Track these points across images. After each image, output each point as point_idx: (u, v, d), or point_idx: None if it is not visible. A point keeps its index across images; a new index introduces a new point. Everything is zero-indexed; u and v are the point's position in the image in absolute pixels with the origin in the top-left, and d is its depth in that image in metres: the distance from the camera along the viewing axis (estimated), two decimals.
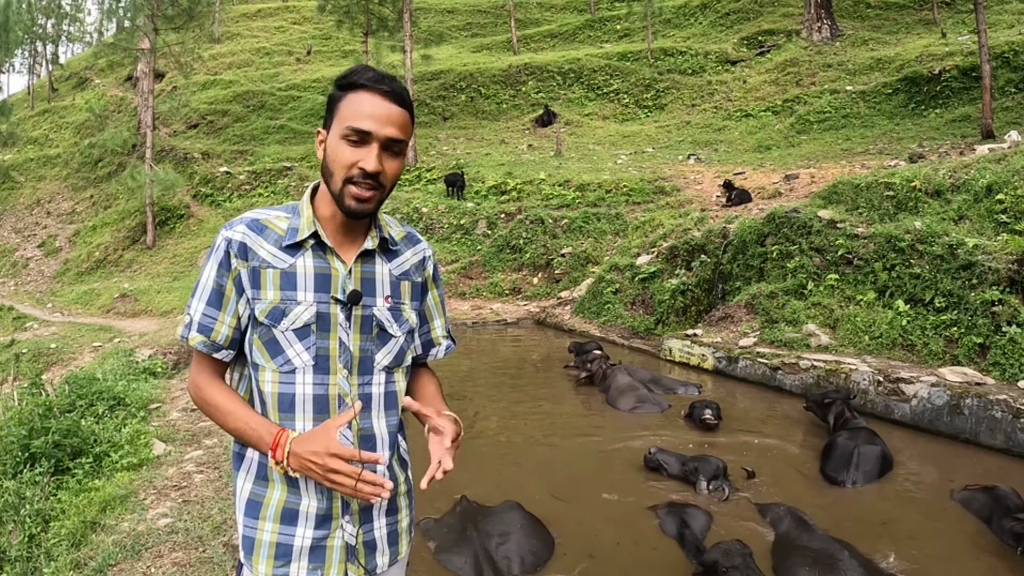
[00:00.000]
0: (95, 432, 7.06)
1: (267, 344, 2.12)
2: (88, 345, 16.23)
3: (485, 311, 16.89)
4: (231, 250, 2.10)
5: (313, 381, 2.14)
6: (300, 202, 2.22)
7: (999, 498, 5.60)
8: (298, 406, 2.13)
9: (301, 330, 2.12)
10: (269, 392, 2.13)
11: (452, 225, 21.59)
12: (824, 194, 12.27)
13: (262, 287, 2.10)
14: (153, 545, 4.87)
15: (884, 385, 8.31)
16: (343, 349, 2.17)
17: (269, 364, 2.13)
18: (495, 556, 4.90)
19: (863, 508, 6.01)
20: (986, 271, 8.81)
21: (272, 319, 2.10)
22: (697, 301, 12.92)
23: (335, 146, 2.08)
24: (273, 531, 2.14)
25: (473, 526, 5.25)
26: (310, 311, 2.12)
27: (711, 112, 30.15)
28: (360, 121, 2.04)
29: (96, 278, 27.86)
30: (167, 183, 27.72)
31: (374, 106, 2.06)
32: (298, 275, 2.12)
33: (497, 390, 10.25)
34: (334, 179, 2.09)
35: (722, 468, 6.23)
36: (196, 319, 2.13)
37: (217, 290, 2.12)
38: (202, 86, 42.31)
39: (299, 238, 2.13)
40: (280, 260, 2.12)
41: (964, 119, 20.98)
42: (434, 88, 35.82)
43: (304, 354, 2.12)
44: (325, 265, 2.15)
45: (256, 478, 2.18)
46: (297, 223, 2.15)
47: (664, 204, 19.22)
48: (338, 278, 2.16)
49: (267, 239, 2.13)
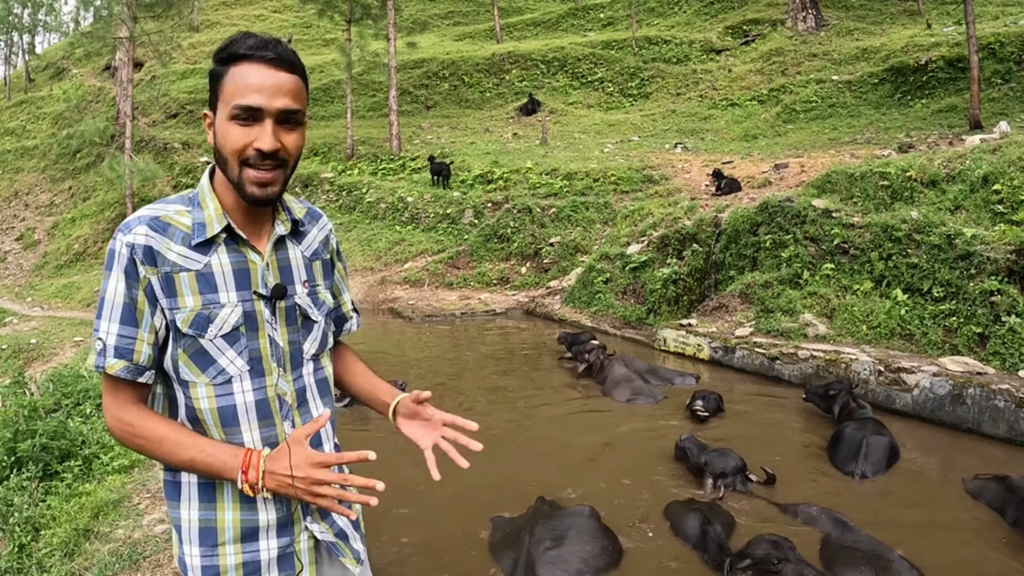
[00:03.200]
0: (83, 433, 6.84)
1: (195, 357, 1.94)
2: (69, 340, 16.03)
3: (473, 301, 16.77)
4: (136, 257, 1.86)
5: (252, 387, 2.00)
6: (198, 191, 2.02)
7: (1013, 488, 5.57)
8: (241, 417, 1.98)
9: (230, 335, 1.95)
10: (207, 408, 1.95)
11: (438, 215, 21.46)
12: (818, 183, 12.25)
13: (179, 294, 1.90)
14: (151, 554, 4.69)
15: (885, 375, 8.27)
16: (274, 346, 2.03)
17: (200, 378, 1.94)
18: (538, 561, 4.67)
19: (873, 500, 5.98)
20: (984, 261, 8.80)
21: (197, 328, 1.91)
22: (689, 291, 12.86)
23: (224, 129, 1.90)
24: (236, 553, 2.01)
25: (530, 529, 5.05)
26: (236, 313, 1.95)
27: (696, 101, 30.09)
28: (247, 97, 1.86)
29: (76, 271, 27.58)
30: (147, 174, 27.40)
31: (261, 77, 1.88)
32: (216, 275, 1.94)
33: (488, 382, 10.15)
34: (229, 165, 1.91)
35: (738, 466, 6.08)
36: (111, 343, 1.88)
37: (129, 305, 1.87)
38: (181, 75, 41.91)
39: (210, 234, 1.93)
40: (193, 261, 1.92)
41: (950, 109, 21.02)
42: (417, 76, 35.59)
43: (238, 360, 1.97)
44: (242, 259, 1.98)
45: (201, 503, 2.01)
46: (202, 216, 1.95)
47: (653, 193, 19.13)
48: (257, 271, 2.00)
49: (173, 239, 1.91)
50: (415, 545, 5.19)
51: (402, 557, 5.01)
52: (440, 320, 15.27)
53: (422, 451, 2.24)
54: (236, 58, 1.90)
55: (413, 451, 2.29)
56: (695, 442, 6.58)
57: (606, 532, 5.14)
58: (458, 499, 5.88)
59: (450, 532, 5.44)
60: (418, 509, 5.65)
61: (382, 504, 2.02)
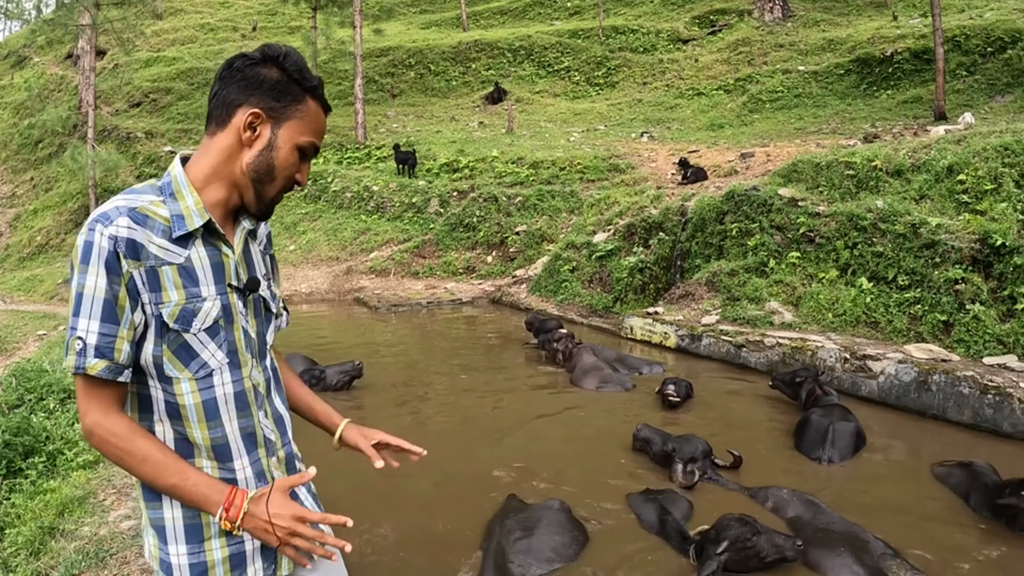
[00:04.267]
0: (47, 429, 6.65)
1: (178, 352, 1.92)
2: (32, 334, 15.71)
3: (439, 290, 16.71)
4: (119, 250, 1.80)
5: (232, 379, 2.02)
6: (170, 180, 1.97)
7: (977, 474, 5.59)
8: (222, 409, 1.99)
9: (212, 328, 1.96)
10: (191, 404, 1.94)
11: (404, 203, 21.32)
12: (784, 172, 12.26)
13: (163, 288, 1.87)
14: (118, 551, 4.56)
15: (851, 362, 8.29)
16: (247, 338, 2.07)
17: (184, 373, 1.93)
18: (509, 550, 4.69)
19: (840, 485, 5.97)
20: (949, 250, 8.84)
21: (183, 322, 1.90)
22: (655, 279, 12.86)
23: (289, 153, 1.98)
24: (222, 547, 2.01)
25: (501, 522, 5.06)
26: (216, 306, 1.96)
27: (663, 90, 30.15)
28: (317, 138, 2.02)
29: (38, 263, 27.06)
30: (110, 164, 26.85)
31: (323, 122, 2.05)
32: (196, 268, 1.93)
33: (455, 371, 10.06)
34: (271, 184, 1.99)
35: (705, 450, 6.06)
36: (91, 341, 1.81)
37: (110, 301, 1.81)
38: (145, 63, 41.21)
39: (191, 228, 1.91)
40: (174, 255, 1.90)
41: (916, 100, 21.21)
42: (383, 65, 35.37)
43: (218, 353, 1.98)
44: (217, 253, 1.99)
45: (184, 504, 1.98)
46: (178, 208, 1.92)
47: (619, 182, 19.14)
48: (230, 265, 2.02)
49: (154, 231, 1.87)
50: (385, 538, 5.11)
51: (376, 551, 4.94)
52: (406, 309, 15.17)
53: (362, 451, 2.39)
54: (314, 93, 2.01)
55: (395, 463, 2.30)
56: (654, 430, 6.51)
57: (575, 523, 5.12)
58: (427, 491, 5.81)
59: (420, 524, 5.36)
60: (386, 505, 5.57)
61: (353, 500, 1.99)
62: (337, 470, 3.67)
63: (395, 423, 7.69)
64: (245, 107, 1.94)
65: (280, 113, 1.96)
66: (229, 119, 1.95)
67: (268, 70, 1.95)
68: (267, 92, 1.95)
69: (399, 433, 2.44)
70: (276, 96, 1.95)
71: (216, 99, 1.98)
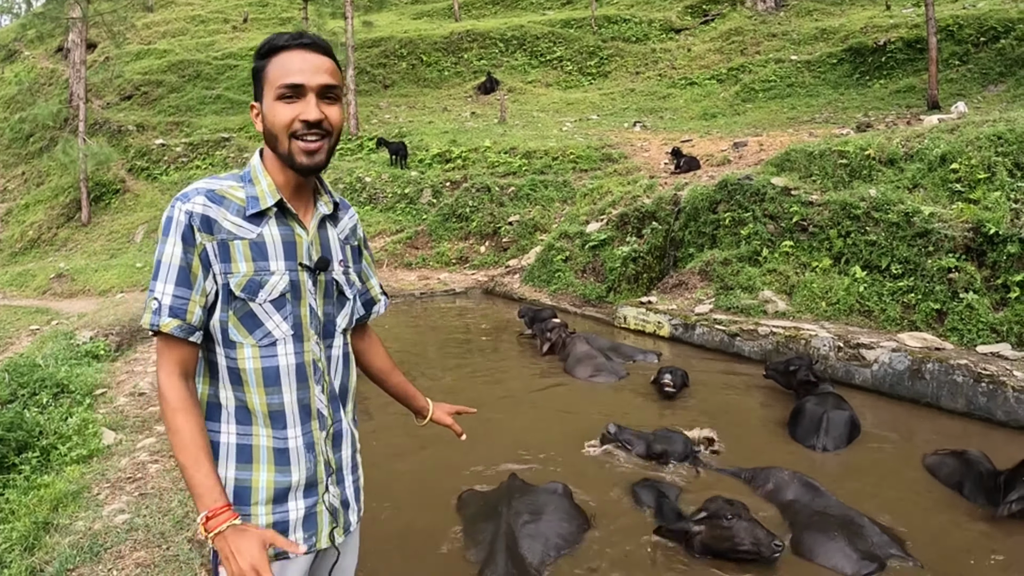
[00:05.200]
0: (40, 423, 6.63)
1: (243, 319, 2.09)
2: (25, 329, 15.61)
3: (432, 281, 16.68)
4: (194, 224, 2.02)
5: (294, 351, 2.15)
6: (250, 170, 2.19)
7: (970, 462, 5.59)
8: (283, 378, 2.13)
9: (278, 300, 2.11)
10: (251, 369, 2.10)
11: (396, 194, 21.26)
12: (777, 161, 12.24)
13: (232, 260, 2.06)
14: (112, 545, 4.53)
15: (845, 351, 8.30)
16: (313, 315, 2.20)
17: (248, 339, 2.10)
18: (518, 533, 4.73)
19: (834, 473, 5.98)
20: (942, 238, 8.85)
21: (249, 292, 2.07)
22: (649, 268, 12.85)
23: (272, 109, 2.09)
24: (267, 514, 2.14)
25: (507, 502, 5.10)
26: (284, 280, 2.11)
27: (655, 80, 30.08)
28: (290, 76, 2.07)
29: (31, 258, 26.84)
30: (101, 157, 26.62)
31: (302, 60, 2.09)
32: (267, 244, 2.10)
33: (450, 361, 10.05)
34: (279, 141, 2.10)
35: (687, 442, 6.12)
36: (166, 302, 2.01)
37: (184, 268, 2.02)
38: (135, 56, 40.88)
39: (263, 207, 2.10)
40: (247, 231, 2.08)
41: (909, 90, 21.21)
42: (375, 56, 35.22)
43: (283, 324, 2.13)
44: (289, 232, 2.15)
45: (238, 464, 2.14)
46: (254, 191, 2.12)
47: (612, 171, 19.10)
48: (302, 245, 2.17)
49: (229, 209, 2.07)
50: (381, 528, 5.11)
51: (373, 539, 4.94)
52: (400, 300, 15.12)
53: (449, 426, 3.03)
54: (276, 50, 2.11)
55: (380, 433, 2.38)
56: (630, 432, 6.47)
57: (579, 511, 5.20)
58: (424, 477, 5.85)
59: (419, 509, 5.38)
60: (381, 489, 5.57)
61: None
62: None
63: (387, 411, 7.67)
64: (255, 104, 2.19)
65: (260, 88, 2.14)
66: None
67: (255, 63, 2.17)
68: (255, 82, 2.17)
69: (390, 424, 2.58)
70: (255, 79, 2.16)
71: None
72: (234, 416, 2.13)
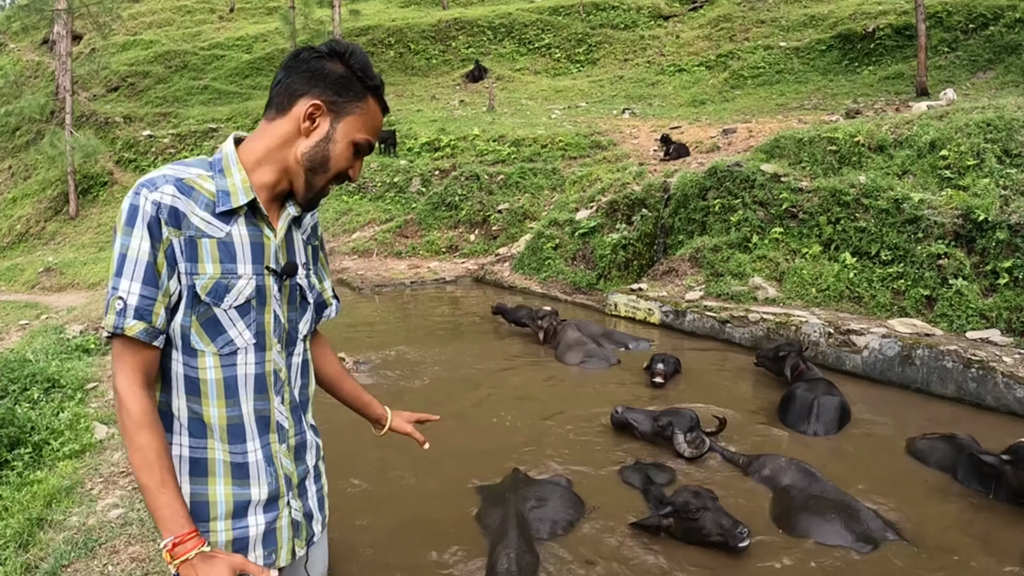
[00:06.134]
0: (32, 419, 6.58)
1: (206, 325, 1.93)
2: (14, 324, 15.58)
3: (422, 270, 16.62)
4: (161, 216, 1.83)
5: (255, 360, 2.02)
6: (221, 158, 2.00)
7: (961, 446, 5.64)
8: (240, 389, 2.00)
9: (243, 307, 1.96)
10: (212, 379, 1.95)
11: (385, 183, 21.19)
12: (766, 148, 12.25)
13: (200, 260, 1.89)
14: (107, 540, 4.52)
15: (835, 337, 8.32)
16: (276, 322, 2.07)
17: (209, 347, 1.94)
18: (527, 514, 4.91)
19: (825, 457, 5.99)
20: (931, 225, 8.89)
21: (215, 296, 1.91)
22: (639, 255, 12.86)
23: (345, 148, 2.00)
24: (227, 530, 2.01)
25: (514, 490, 5.26)
26: (251, 285, 1.97)
27: (644, 67, 30.08)
28: (374, 136, 2.05)
29: (19, 252, 26.71)
30: (88, 149, 26.48)
31: (380, 121, 2.08)
32: (235, 245, 1.94)
33: (440, 350, 10.00)
34: (320, 176, 2.01)
35: (696, 419, 6.11)
36: (132, 302, 1.83)
37: (151, 264, 1.83)
38: (122, 47, 40.67)
39: (235, 204, 1.93)
40: (216, 228, 1.92)
41: (897, 76, 21.26)
42: (362, 44, 34.98)
43: (246, 332, 1.98)
44: (258, 233, 2.00)
45: (192, 477, 1.99)
46: (225, 184, 1.94)
47: (601, 158, 19.09)
48: (270, 247, 2.02)
49: (198, 203, 1.90)
50: (376, 519, 5.12)
51: (368, 530, 4.95)
52: (390, 290, 15.08)
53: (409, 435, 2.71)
54: (375, 92, 2.04)
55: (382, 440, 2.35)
56: (635, 411, 6.51)
57: (580, 500, 5.29)
58: (421, 470, 5.82)
59: (410, 508, 5.36)
60: (375, 487, 5.57)
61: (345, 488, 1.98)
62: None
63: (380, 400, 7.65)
64: (307, 97, 1.97)
65: (341, 108, 1.98)
66: (290, 107, 1.98)
67: (333, 64, 1.98)
68: (330, 85, 1.97)
69: None
70: (338, 91, 1.98)
71: (279, 87, 2.00)
72: (187, 428, 1.97)
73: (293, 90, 1.97)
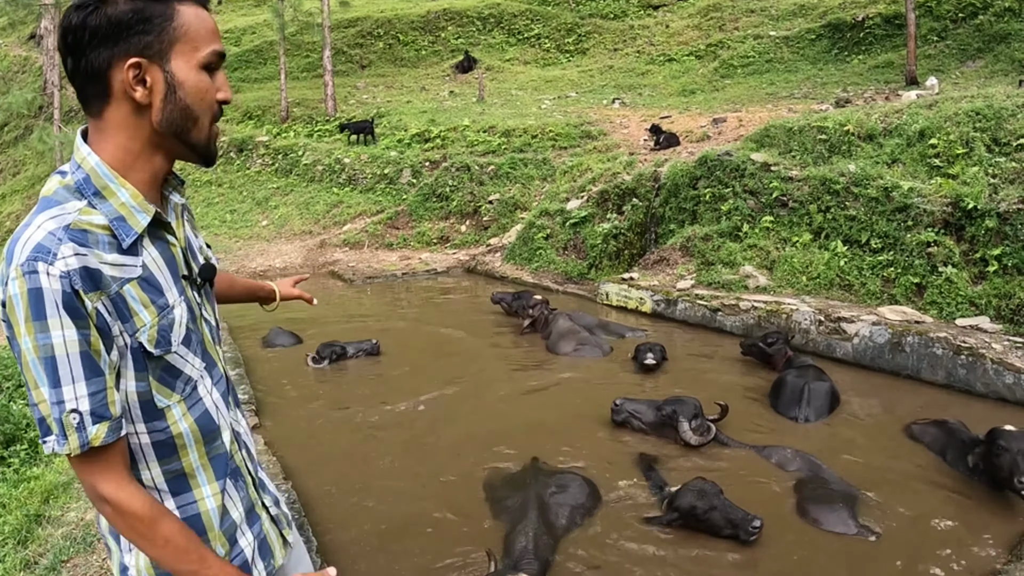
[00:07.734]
0: (27, 416, 6.58)
1: (163, 378, 1.66)
2: None
3: (414, 261, 16.64)
4: (76, 287, 1.47)
5: (213, 382, 1.83)
6: (89, 175, 1.61)
7: (951, 431, 5.70)
8: (215, 418, 1.81)
9: (186, 336, 1.71)
10: (187, 430, 1.71)
11: (376, 175, 21.15)
12: (756, 137, 12.28)
13: (132, 313, 1.57)
14: None
15: (826, 324, 8.37)
16: (211, 329, 1.87)
17: (172, 397, 1.68)
18: (547, 501, 4.98)
19: (817, 443, 6.06)
20: (921, 213, 8.93)
21: (164, 344, 1.64)
22: (630, 245, 12.89)
23: (197, 81, 1.64)
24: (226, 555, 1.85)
25: (534, 478, 5.36)
26: (182, 308, 1.71)
27: (634, 57, 30.03)
28: (215, 42, 1.66)
29: None
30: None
31: (210, 21, 1.66)
32: (154, 274, 1.65)
33: (432, 341, 10.04)
34: (199, 125, 1.67)
35: (699, 406, 6.15)
36: (85, 407, 1.50)
37: (87, 353, 1.50)
38: None
39: (139, 231, 1.61)
40: (131, 268, 1.59)
41: (887, 65, 21.27)
42: (351, 36, 34.93)
43: (195, 360, 1.75)
44: (165, 246, 1.71)
45: None
46: (112, 210, 1.58)
47: (591, 148, 19.09)
48: (179, 255, 1.75)
49: (100, 247, 1.54)
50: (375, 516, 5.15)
51: (368, 521, 4.98)
52: (381, 281, 15.10)
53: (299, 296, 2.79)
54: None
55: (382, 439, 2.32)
56: (636, 401, 6.54)
57: (598, 491, 5.36)
58: (412, 469, 5.82)
59: (410, 504, 5.38)
60: (372, 477, 5.59)
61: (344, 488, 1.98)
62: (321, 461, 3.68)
63: (375, 394, 7.68)
64: (118, 63, 1.57)
65: (159, 45, 1.59)
66: (108, 88, 1.59)
67: (111, 8, 1.56)
68: (131, 33, 1.57)
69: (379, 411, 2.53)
70: (142, 30, 1.58)
71: (78, 77, 1.61)
72: (169, 492, 1.72)
73: (96, 67, 1.57)
